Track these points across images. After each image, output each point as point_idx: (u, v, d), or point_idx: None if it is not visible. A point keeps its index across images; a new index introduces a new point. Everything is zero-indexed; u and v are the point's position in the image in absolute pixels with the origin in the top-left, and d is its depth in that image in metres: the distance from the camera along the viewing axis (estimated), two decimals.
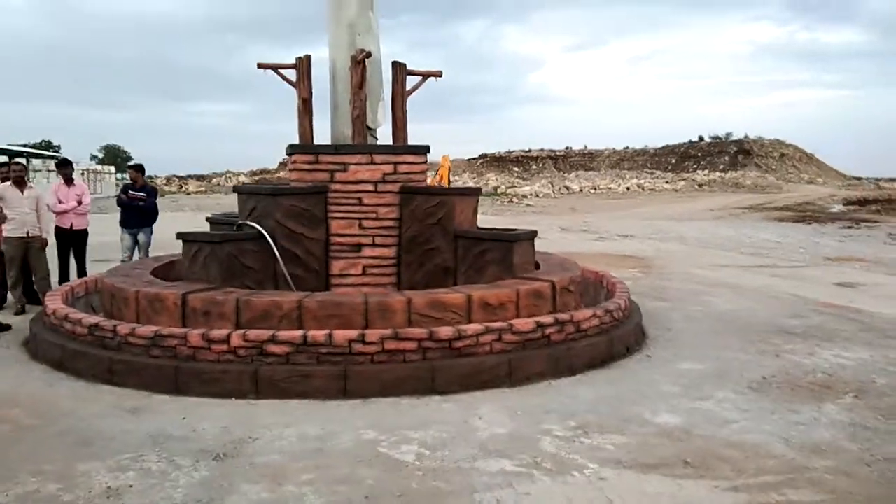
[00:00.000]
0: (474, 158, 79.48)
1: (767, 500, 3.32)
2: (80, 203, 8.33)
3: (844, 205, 40.34)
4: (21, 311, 7.42)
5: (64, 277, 8.28)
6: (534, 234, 6.69)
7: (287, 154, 7.74)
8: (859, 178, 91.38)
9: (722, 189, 58.76)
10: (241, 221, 6.60)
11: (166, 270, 7.16)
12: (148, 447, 3.92)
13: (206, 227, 7.51)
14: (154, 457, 3.79)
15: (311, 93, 7.33)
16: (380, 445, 3.97)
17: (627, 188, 54.16)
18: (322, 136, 7.52)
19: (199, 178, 68.17)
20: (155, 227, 9.32)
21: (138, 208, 9.09)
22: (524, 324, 5.34)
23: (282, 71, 7.30)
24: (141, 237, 9.15)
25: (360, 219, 6.91)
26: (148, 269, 6.96)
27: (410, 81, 7.53)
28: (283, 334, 4.96)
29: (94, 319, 5.51)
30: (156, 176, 58.95)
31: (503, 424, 4.29)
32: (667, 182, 62.56)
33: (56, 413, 4.48)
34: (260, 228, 6.29)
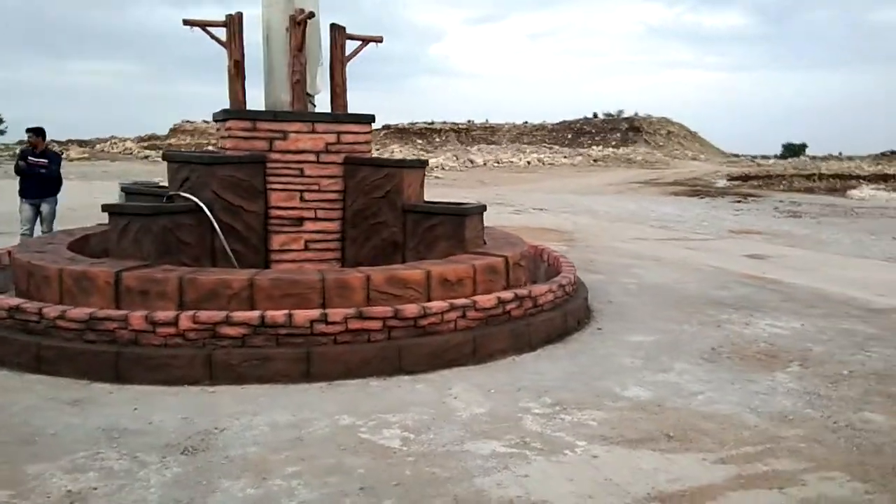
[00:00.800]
0: (377, 129, 78.53)
1: (755, 471, 3.40)
2: None
3: (728, 180, 42.78)
4: None
5: None
6: (483, 207, 6.59)
7: (216, 120, 7.24)
8: (737, 155, 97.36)
9: (615, 164, 60.96)
10: (171, 192, 6.10)
11: (80, 245, 6.57)
12: (103, 443, 3.55)
13: (106, 198, 6.94)
14: (113, 454, 3.44)
15: (243, 55, 6.85)
16: (360, 431, 3.78)
17: (528, 162, 55.12)
18: (253, 103, 7.07)
19: (81, 143, 63.51)
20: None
21: (39, 176, 8.28)
22: (487, 300, 5.26)
23: (211, 30, 6.78)
24: (44, 208, 8.37)
25: (301, 191, 6.56)
26: (63, 244, 6.36)
27: (350, 47, 7.19)
28: (239, 315, 4.63)
29: (13, 301, 4.94)
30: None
31: (480, 404, 4.20)
32: (564, 157, 64.14)
33: None
34: (197, 201, 5.84)
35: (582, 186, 32.06)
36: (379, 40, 7.39)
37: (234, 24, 6.77)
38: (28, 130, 8.47)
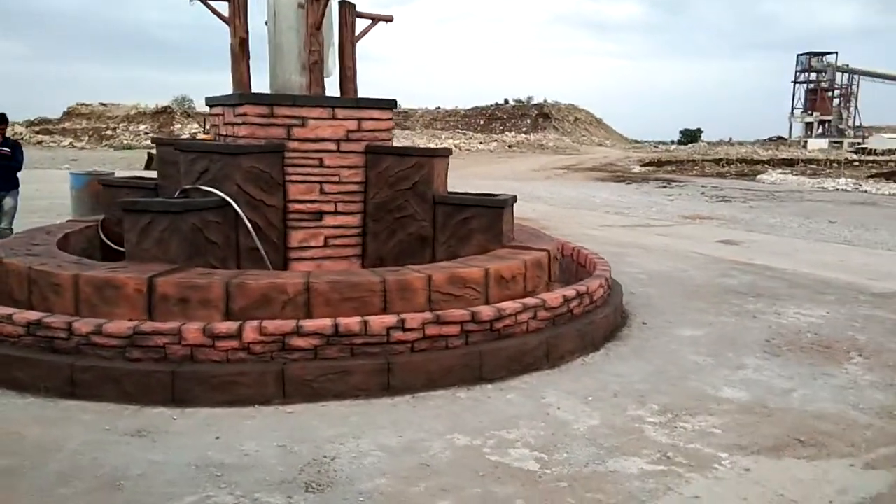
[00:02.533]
0: None
1: None
2: None
3: (642, 166, 44.23)
4: None
5: None
6: (515, 198, 6.28)
7: (211, 105, 6.61)
8: (638, 141, 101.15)
9: (530, 150, 61.99)
10: (186, 186, 5.46)
11: (61, 246, 5.81)
12: (206, 483, 3.05)
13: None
14: (227, 497, 2.95)
15: (247, 32, 6.23)
16: (485, 453, 3.44)
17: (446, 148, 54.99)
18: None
19: None
20: None
21: (4, 167, 7.31)
22: (555, 299, 4.98)
23: (213, 4, 6.12)
24: (8, 201, 7.42)
25: (320, 182, 6.04)
26: (52, 245, 5.60)
27: (359, 26, 6.69)
28: (310, 324, 4.15)
29: (32, 315, 4.24)
30: None
31: (588, 414, 3.94)
32: (480, 143, 64.65)
33: (33, 447, 3.37)
34: (225, 196, 5.24)
35: (512, 172, 32.22)
36: (389, 19, 6.93)
37: None
38: None
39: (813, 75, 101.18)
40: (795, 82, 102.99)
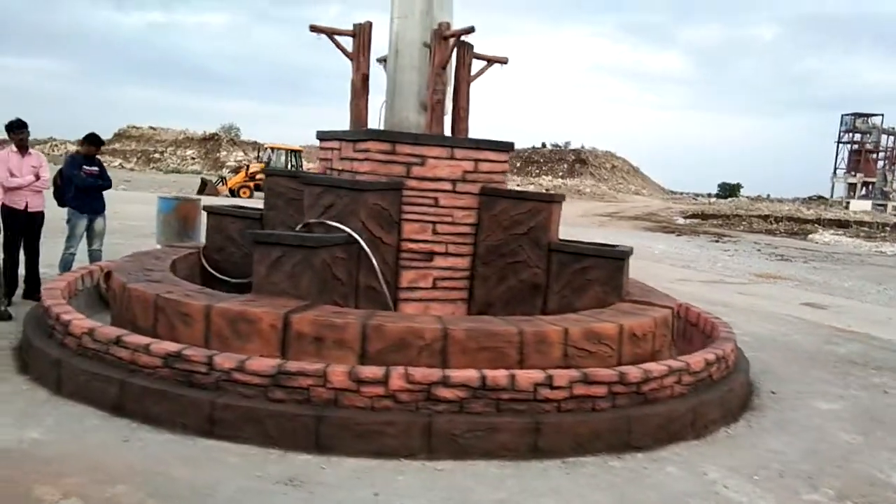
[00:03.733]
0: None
1: None
2: (38, 178, 6.48)
3: (685, 218, 43.74)
4: (5, 316, 5.77)
5: (13, 272, 6.40)
6: (632, 249, 6.05)
7: (321, 139, 6.53)
8: (674, 192, 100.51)
9: (567, 195, 61.84)
10: (311, 220, 5.33)
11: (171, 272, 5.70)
12: None
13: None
14: None
15: (369, 68, 6.18)
16: None
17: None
18: (336, 121, 6.39)
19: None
20: None
21: (97, 188, 7.30)
22: (697, 362, 4.71)
23: (338, 38, 6.08)
24: (98, 223, 7.36)
25: (434, 222, 5.88)
26: (167, 271, 5.51)
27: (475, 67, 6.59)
28: (457, 375, 3.94)
29: (171, 346, 4.09)
30: None
31: (761, 496, 3.63)
32: (517, 185, 64.66)
33: (187, 490, 3.17)
34: (353, 233, 5.10)
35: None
36: (504, 61, 6.82)
37: (363, 34, 6.11)
38: (92, 139, 7.45)
39: (857, 136, 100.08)
40: (839, 142, 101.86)
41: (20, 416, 3.83)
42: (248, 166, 30.89)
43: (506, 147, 6.20)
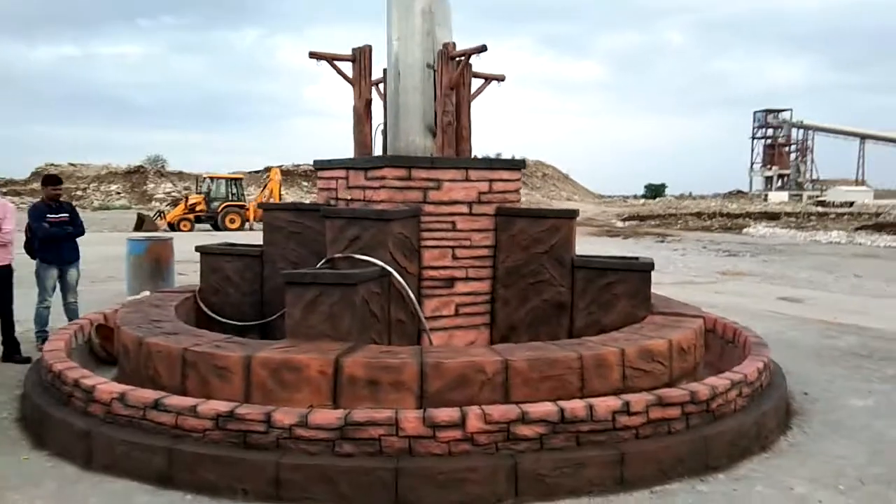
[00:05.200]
0: (257, 171, 75.11)
1: None
2: None
3: (622, 220, 44.75)
4: None
5: None
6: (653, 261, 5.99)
7: (319, 168, 6.25)
8: (604, 196, 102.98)
9: None
10: (337, 255, 5.03)
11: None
12: None
13: None
14: None
15: (371, 93, 5.94)
16: None
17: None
18: (340, 148, 6.14)
19: None
20: None
21: (65, 237, 6.74)
22: (752, 372, 4.65)
23: (338, 64, 5.83)
24: (72, 274, 6.81)
25: (453, 247, 5.67)
26: (176, 320, 5.12)
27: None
28: (535, 410, 3.73)
29: (221, 406, 3.73)
30: None
31: None
32: None
33: None
34: (386, 266, 4.84)
35: None
36: (501, 78, 6.69)
37: (363, 58, 5.87)
38: (46, 179, 6.91)
39: (770, 131, 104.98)
40: (753, 138, 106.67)
41: (59, 499, 3.41)
42: (186, 198, 29.82)
43: (518, 165, 6.07)
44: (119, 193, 58.43)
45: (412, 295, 4.99)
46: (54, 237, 6.58)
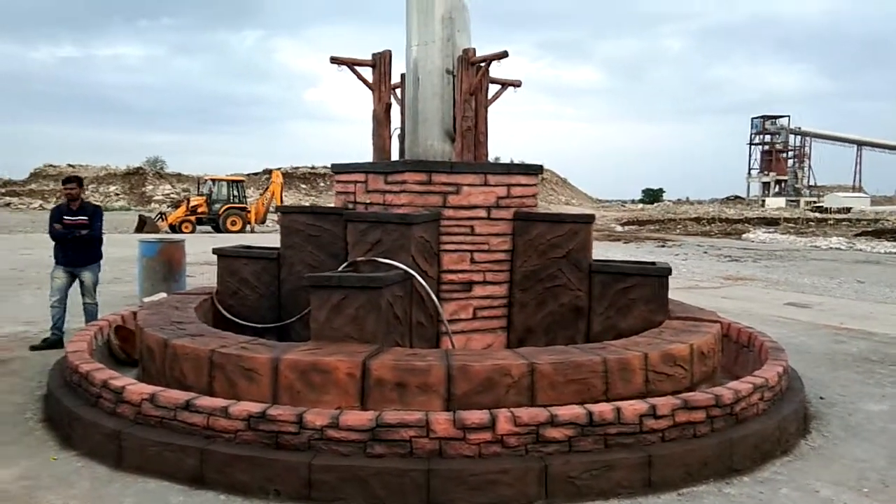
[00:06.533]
0: (256, 173, 75.21)
1: None
2: None
3: (621, 225, 44.85)
4: None
5: None
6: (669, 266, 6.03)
7: (337, 171, 6.28)
8: (601, 200, 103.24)
9: None
10: (359, 258, 5.07)
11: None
12: None
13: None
14: None
15: (391, 98, 5.99)
16: None
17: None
18: (356, 151, 6.18)
19: None
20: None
21: (79, 239, 6.74)
22: (772, 376, 4.69)
23: (358, 69, 5.87)
24: (85, 277, 6.82)
25: (471, 251, 5.71)
26: (199, 322, 5.14)
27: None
28: (564, 413, 3.77)
29: (253, 407, 3.76)
30: None
31: None
32: None
33: None
34: (409, 269, 4.88)
35: None
36: (517, 84, 6.74)
37: (383, 63, 5.92)
38: (65, 181, 6.94)
39: (767, 137, 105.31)
40: (751, 144, 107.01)
41: (93, 499, 3.43)
42: (188, 200, 29.83)
43: (536, 170, 6.11)
44: (118, 195, 58.40)
45: (435, 298, 5.02)
46: (58, 238, 6.61)
